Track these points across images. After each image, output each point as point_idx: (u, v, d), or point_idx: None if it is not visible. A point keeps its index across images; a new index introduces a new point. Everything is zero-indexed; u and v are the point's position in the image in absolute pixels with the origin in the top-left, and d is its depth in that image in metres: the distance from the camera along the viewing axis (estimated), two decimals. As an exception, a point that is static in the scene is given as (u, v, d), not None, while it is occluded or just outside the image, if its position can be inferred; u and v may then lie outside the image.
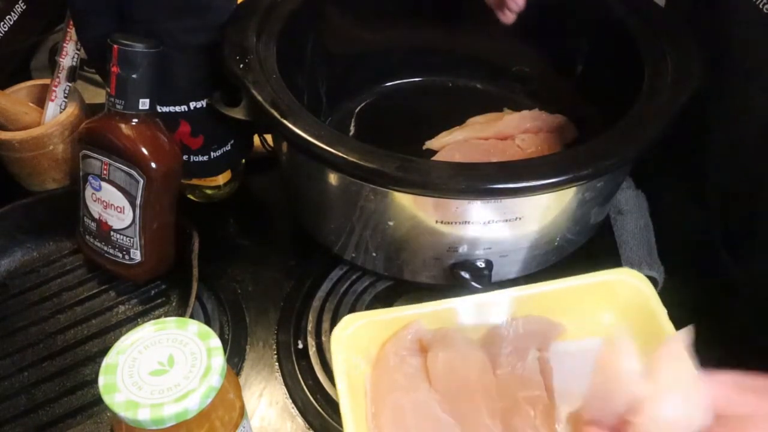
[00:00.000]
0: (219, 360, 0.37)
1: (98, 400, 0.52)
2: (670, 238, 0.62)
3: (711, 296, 0.57)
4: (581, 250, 0.58)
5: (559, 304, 0.50)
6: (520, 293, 0.49)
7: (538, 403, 0.46)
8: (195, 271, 0.55)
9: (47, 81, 0.67)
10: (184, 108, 0.58)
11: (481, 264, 0.53)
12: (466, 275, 0.53)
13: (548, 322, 0.50)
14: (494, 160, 0.62)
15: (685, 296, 0.53)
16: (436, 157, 0.64)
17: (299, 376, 0.55)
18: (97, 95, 0.75)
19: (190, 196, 0.68)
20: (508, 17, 0.59)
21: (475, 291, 0.52)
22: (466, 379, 0.46)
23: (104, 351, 0.40)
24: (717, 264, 0.58)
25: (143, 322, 0.54)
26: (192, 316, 0.54)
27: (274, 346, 0.57)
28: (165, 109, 0.57)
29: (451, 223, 0.50)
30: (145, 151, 0.53)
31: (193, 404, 0.36)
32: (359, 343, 0.47)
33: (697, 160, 0.59)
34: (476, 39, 0.71)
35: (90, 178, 0.56)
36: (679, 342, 0.35)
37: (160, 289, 0.60)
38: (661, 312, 0.47)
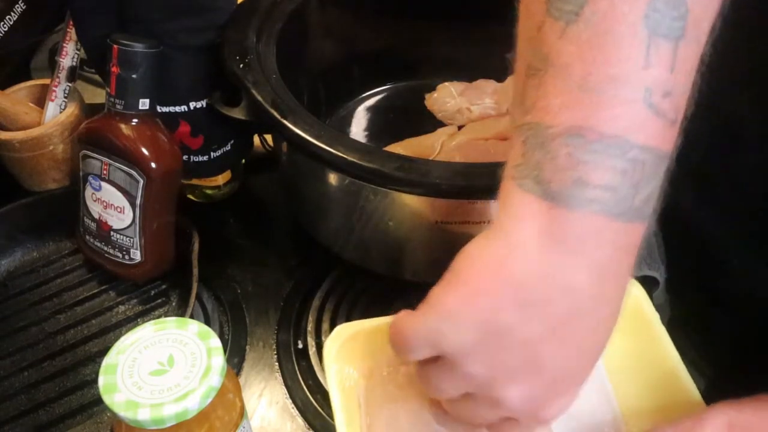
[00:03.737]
0: (219, 360, 0.37)
1: (98, 400, 0.52)
2: (672, 238, 0.62)
3: (716, 303, 0.57)
4: (581, 250, 0.58)
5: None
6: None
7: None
8: (195, 271, 0.55)
9: (47, 81, 0.67)
10: (184, 108, 0.58)
11: (481, 264, 0.53)
12: (466, 275, 0.52)
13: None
14: (494, 160, 0.62)
15: (685, 299, 0.53)
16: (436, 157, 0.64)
17: (299, 376, 0.55)
18: (97, 95, 0.75)
19: (190, 196, 0.68)
20: None
21: (475, 291, 0.52)
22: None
23: (104, 351, 0.39)
24: (728, 268, 0.56)
25: (143, 322, 0.53)
26: (192, 316, 0.54)
27: (274, 346, 0.57)
28: (165, 109, 0.57)
29: (451, 223, 0.50)
30: (145, 151, 0.53)
31: (193, 404, 0.36)
32: (351, 353, 0.46)
33: (706, 159, 0.58)
34: (479, 40, 0.70)
35: (90, 178, 0.56)
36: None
37: (160, 289, 0.60)
38: (653, 316, 0.47)
